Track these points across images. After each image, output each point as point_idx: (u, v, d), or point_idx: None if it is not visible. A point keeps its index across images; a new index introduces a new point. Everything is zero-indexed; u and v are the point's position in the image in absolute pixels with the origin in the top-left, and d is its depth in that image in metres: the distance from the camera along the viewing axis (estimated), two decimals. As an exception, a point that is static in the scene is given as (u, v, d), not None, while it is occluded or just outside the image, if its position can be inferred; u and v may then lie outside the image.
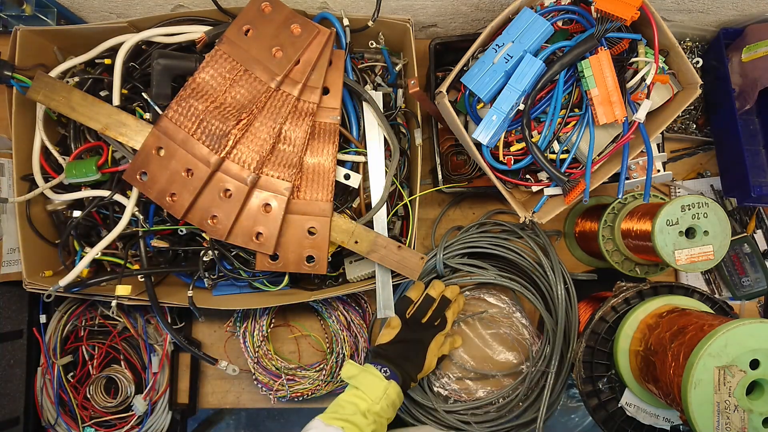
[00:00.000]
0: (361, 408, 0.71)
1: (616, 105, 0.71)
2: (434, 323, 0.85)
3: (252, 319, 0.91)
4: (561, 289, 0.87)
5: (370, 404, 0.72)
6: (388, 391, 0.73)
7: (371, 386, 0.73)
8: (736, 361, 0.56)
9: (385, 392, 0.73)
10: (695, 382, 0.56)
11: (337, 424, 0.68)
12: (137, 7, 0.87)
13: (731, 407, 0.56)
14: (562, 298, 0.86)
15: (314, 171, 0.77)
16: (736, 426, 0.56)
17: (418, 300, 0.85)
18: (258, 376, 0.90)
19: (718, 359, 0.56)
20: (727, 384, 0.56)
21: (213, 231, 0.74)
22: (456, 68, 0.76)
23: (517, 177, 0.82)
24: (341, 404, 0.72)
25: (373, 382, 0.74)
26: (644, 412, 0.72)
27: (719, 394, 0.56)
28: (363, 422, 0.70)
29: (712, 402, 0.56)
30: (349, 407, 0.71)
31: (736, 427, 0.56)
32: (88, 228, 0.83)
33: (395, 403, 0.75)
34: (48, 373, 0.90)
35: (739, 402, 0.56)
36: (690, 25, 0.92)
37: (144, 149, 0.73)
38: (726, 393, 0.56)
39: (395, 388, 0.75)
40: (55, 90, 0.73)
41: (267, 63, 0.74)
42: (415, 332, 0.83)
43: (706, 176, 0.98)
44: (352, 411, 0.71)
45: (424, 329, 0.84)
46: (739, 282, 0.94)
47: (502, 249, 0.90)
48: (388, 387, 0.74)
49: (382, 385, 0.74)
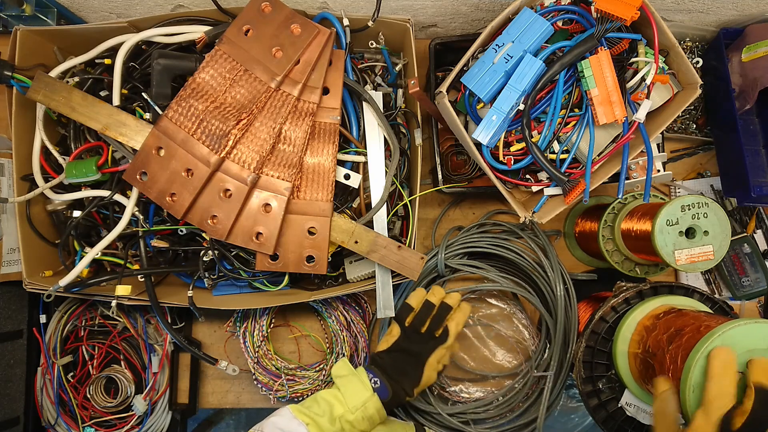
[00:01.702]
0: (334, 412, 0.69)
1: (616, 105, 0.72)
2: (435, 334, 0.78)
3: (252, 319, 0.91)
4: (560, 288, 0.87)
5: (344, 411, 0.69)
6: (367, 404, 0.70)
7: (353, 393, 0.71)
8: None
9: (364, 404, 0.70)
10: (693, 385, 0.55)
11: (302, 419, 0.67)
12: (137, 7, 0.87)
13: None
14: (561, 298, 0.86)
15: (314, 171, 0.77)
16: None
17: (418, 306, 0.79)
18: (258, 376, 0.90)
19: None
20: None
21: (213, 231, 0.74)
22: (456, 68, 0.76)
23: (517, 177, 0.82)
24: (317, 400, 0.71)
25: (356, 389, 0.71)
26: (644, 412, 0.71)
27: None
28: (328, 427, 0.68)
29: None
30: (323, 406, 0.70)
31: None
32: (88, 228, 0.83)
33: (373, 418, 0.70)
34: (48, 373, 0.90)
35: None
36: (690, 25, 0.92)
37: (144, 149, 0.73)
38: None
39: (376, 404, 0.71)
40: (55, 90, 0.73)
41: (267, 63, 0.74)
42: (414, 343, 0.77)
43: (706, 176, 0.98)
44: (323, 411, 0.69)
45: (424, 341, 0.77)
46: (739, 282, 0.94)
47: (502, 249, 0.90)
48: (369, 400, 0.70)
49: (364, 396, 0.70)
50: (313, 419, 0.68)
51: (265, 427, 0.67)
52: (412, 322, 0.78)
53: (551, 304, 0.88)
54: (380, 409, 0.71)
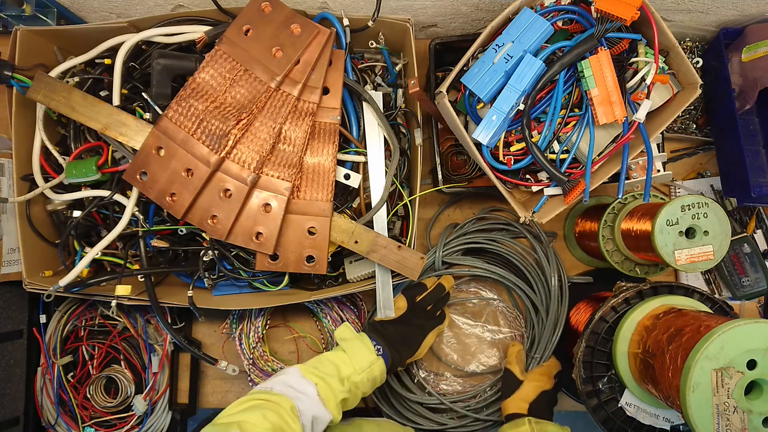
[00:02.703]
0: (342, 373, 0.70)
1: (616, 105, 0.71)
2: (435, 314, 0.85)
3: (248, 320, 0.91)
4: (555, 281, 0.88)
5: (351, 372, 0.71)
6: (373, 367, 0.73)
7: (359, 355, 0.73)
8: (733, 362, 0.56)
9: (370, 366, 0.72)
10: (693, 385, 0.56)
11: (312, 379, 0.68)
12: (137, 7, 0.87)
13: (730, 409, 0.56)
14: (555, 289, 0.88)
15: (314, 171, 0.77)
16: (736, 427, 0.56)
17: (432, 287, 0.85)
18: (254, 378, 0.90)
19: (716, 361, 0.56)
20: (726, 386, 0.56)
21: (213, 231, 0.74)
22: (456, 68, 0.76)
23: (517, 177, 0.82)
24: (323, 361, 0.72)
25: (362, 352, 0.73)
26: (644, 412, 0.71)
27: (718, 396, 0.56)
28: (338, 387, 0.69)
29: (711, 404, 0.56)
30: (330, 367, 0.71)
31: (737, 428, 0.56)
32: (88, 228, 0.83)
33: (376, 380, 0.74)
34: (48, 373, 0.90)
35: (738, 403, 0.56)
36: (690, 25, 0.92)
37: (144, 149, 0.73)
38: (725, 395, 0.56)
39: (381, 367, 0.74)
40: (55, 90, 0.73)
41: (267, 63, 0.74)
42: (419, 318, 0.83)
43: (706, 176, 0.98)
44: (331, 372, 0.70)
45: (428, 318, 0.84)
46: (739, 282, 0.94)
47: (497, 245, 0.91)
48: (375, 363, 0.73)
49: (370, 359, 0.73)
50: (322, 379, 0.68)
51: (274, 384, 0.67)
52: (423, 299, 0.84)
53: (543, 299, 0.89)
54: (383, 372, 0.75)
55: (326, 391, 0.68)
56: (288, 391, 0.66)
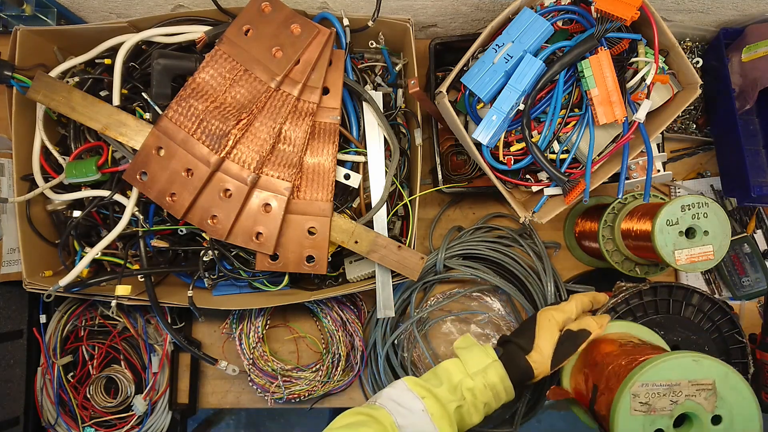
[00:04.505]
0: (453, 380, 0.64)
1: (616, 105, 0.71)
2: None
3: (247, 320, 0.91)
4: (551, 288, 0.88)
5: (462, 377, 0.64)
6: (488, 370, 0.64)
7: (473, 359, 0.66)
8: (656, 403, 0.56)
9: (485, 369, 0.64)
10: (622, 410, 0.56)
11: (419, 393, 0.62)
12: (137, 7, 0.87)
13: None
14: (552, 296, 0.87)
15: (314, 171, 0.77)
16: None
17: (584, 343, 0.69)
18: (254, 378, 0.90)
19: (640, 406, 0.56)
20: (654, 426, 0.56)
21: (213, 231, 0.74)
22: (456, 68, 0.76)
23: (517, 177, 0.82)
24: (436, 372, 0.66)
25: (477, 355, 0.66)
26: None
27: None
28: (447, 397, 0.63)
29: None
30: (441, 376, 0.65)
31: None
32: (88, 228, 0.83)
33: (496, 387, 0.64)
34: (48, 373, 0.90)
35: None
36: (690, 25, 0.92)
37: (144, 149, 0.73)
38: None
39: (498, 370, 0.64)
40: (55, 90, 0.73)
41: (267, 63, 0.74)
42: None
43: (706, 176, 0.98)
44: (440, 382, 0.64)
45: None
46: (739, 282, 0.94)
47: (498, 254, 0.90)
48: (491, 366, 0.64)
49: (485, 362, 0.65)
50: (430, 391, 0.63)
51: (379, 398, 0.63)
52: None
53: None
54: (504, 378, 0.65)
55: (434, 405, 0.61)
56: (390, 405, 0.61)
